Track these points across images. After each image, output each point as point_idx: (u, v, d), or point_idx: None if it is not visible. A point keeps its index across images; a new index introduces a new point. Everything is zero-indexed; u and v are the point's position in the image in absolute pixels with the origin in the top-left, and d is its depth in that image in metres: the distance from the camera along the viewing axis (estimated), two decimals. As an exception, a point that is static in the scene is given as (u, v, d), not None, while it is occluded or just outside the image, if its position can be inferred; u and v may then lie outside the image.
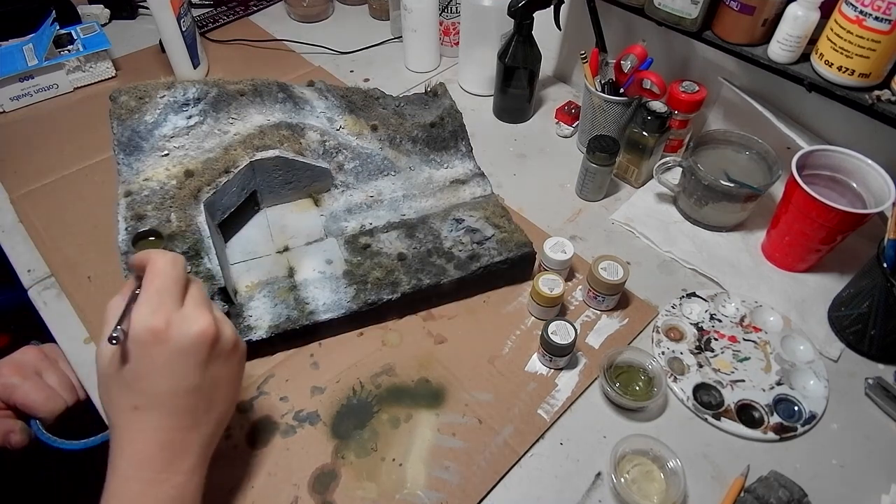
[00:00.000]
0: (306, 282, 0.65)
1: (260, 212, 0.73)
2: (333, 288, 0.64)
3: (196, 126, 0.69)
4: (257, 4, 1.19)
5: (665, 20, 0.74)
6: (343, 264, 0.67)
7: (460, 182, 0.76)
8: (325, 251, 0.68)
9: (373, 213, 0.72)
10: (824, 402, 0.60)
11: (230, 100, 0.71)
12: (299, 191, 0.74)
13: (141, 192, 0.64)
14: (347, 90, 0.78)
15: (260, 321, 0.61)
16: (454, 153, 0.78)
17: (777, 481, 0.53)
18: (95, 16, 1.11)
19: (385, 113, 0.78)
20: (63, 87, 0.96)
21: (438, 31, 1.00)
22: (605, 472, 0.55)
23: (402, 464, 0.55)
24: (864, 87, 0.62)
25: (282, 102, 0.73)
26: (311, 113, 0.74)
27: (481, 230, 0.69)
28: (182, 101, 0.69)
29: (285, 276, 0.66)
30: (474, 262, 0.66)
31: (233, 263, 0.67)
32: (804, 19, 0.63)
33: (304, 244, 0.69)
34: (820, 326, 0.67)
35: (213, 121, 0.70)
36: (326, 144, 0.73)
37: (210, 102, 0.70)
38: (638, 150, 0.78)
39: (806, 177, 0.65)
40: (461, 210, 0.72)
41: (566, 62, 1.01)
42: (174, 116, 0.69)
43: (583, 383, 0.61)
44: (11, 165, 0.84)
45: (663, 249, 0.74)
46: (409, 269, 0.66)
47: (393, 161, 0.75)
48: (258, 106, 0.72)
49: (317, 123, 0.74)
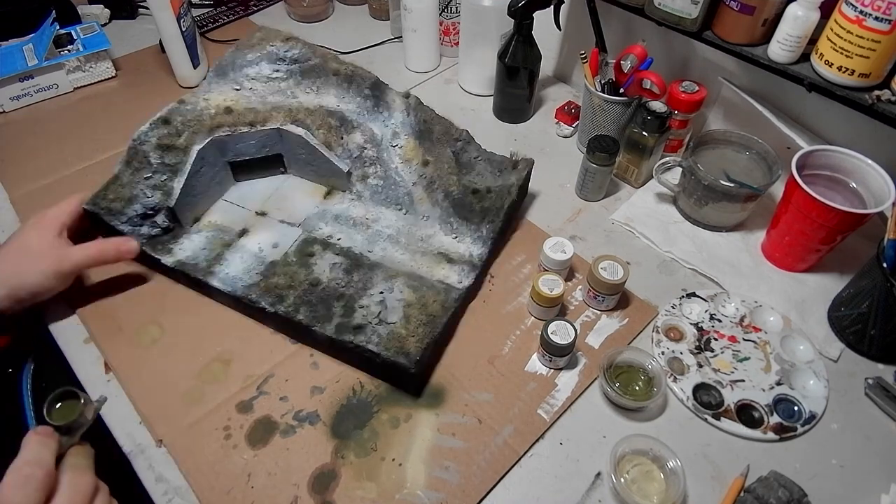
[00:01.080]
0: (239, 247, 0.68)
1: (286, 174, 0.77)
2: (248, 268, 0.66)
3: (276, 80, 0.75)
4: (257, 4, 1.19)
5: (665, 20, 0.74)
6: (278, 255, 0.67)
7: (446, 259, 0.67)
8: (283, 236, 0.70)
9: (351, 232, 0.70)
10: (824, 402, 0.60)
11: (322, 73, 0.75)
12: (320, 176, 0.76)
13: (189, 105, 0.70)
14: (435, 118, 0.77)
15: (181, 252, 0.67)
16: (472, 230, 0.70)
17: (777, 481, 0.53)
18: (95, 16, 1.10)
19: (450, 155, 0.74)
20: (63, 87, 0.96)
21: (438, 31, 1.00)
22: (605, 472, 0.55)
23: (401, 464, 0.55)
24: (864, 87, 0.62)
25: (364, 98, 0.75)
26: (381, 119, 0.75)
27: (389, 311, 0.61)
28: (279, 56, 0.75)
29: (235, 234, 0.70)
30: (351, 333, 0.59)
31: (223, 199, 0.74)
32: (804, 19, 0.63)
33: (279, 221, 0.72)
34: (820, 326, 0.67)
35: (294, 83, 0.75)
36: (365, 152, 0.73)
37: (302, 69, 0.75)
38: (638, 150, 0.78)
39: (806, 177, 0.65)
40: (408, 281, 0.64)
41: (566, 62, 1.01)
42: (266, 64, 0.75)
43: (583, 383, 0.61)
44: (11, 165, 0.84)
45: (663, 249, 0.74)
46: (304, 296, 0.62)
47: (415, 201, 0.71)
48: (340, 90, 0.75)
49: (376, 130, 0.74)
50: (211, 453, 0.56)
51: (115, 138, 0.88)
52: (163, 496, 0.53)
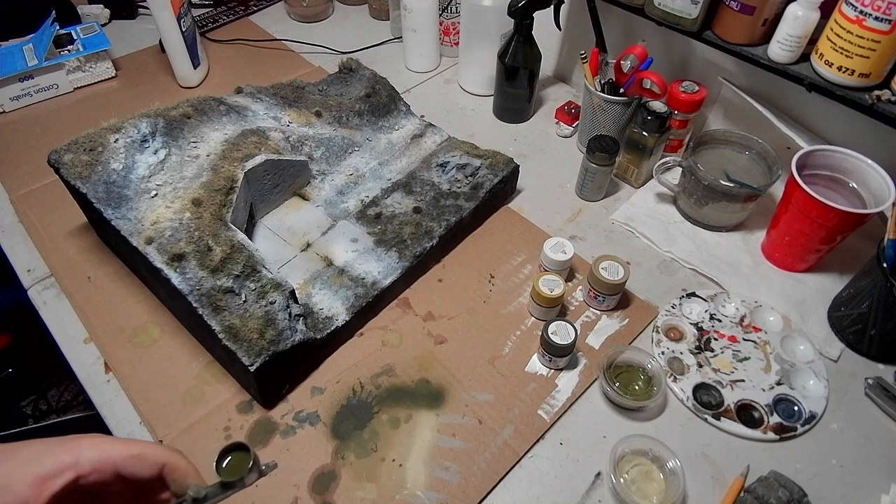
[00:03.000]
0: (348, 263, 0.68)
1: (258, 224, 0.74)
2: (377, 258, 0.68)
3: (167, 159, 0.67)
4: (257, 4, 1.19)
5: (665, 20, 0.74)
6: (369, 237, 0.70)
7: (418, 136, 0.82)
8: (344, 233, 0.71)
9: (361, 187, 0.76)
10: (824, 402, 0.60)
11: (179, 125, 0.69)
12: (285, 192, 0.75)
13: (162, 234, 0.60)
14: (274, 87, 0.81)
15: (334, 309, 0.63)
16: (397, 114, 0.84)
17: (777, 481, 0.53)
18: (95, 16, 1.10)
19: (319, 98, 0.82)
20: (63, 87, 0.96)
21: (438, 31, 1.00)
22: (605, 472, 0.55)
23: (402, 464, 0.55)
24: (864, 87, 0.62)
25: (226, 115, 0.74)
26: (255, 117, 0.76)
27: (470, 163, 0.76)
28: (140, 139, 0.66)
29: (326, 266, 0.68)
30: (480, 190, 0.74)
31: None
32: (804, 19, 0.63)
33: (321, 235, 0.71)
34: (820, 326, 0.67)
35: (177, 150, 0.68)
36: (290, 140, 0.75)
37: (164, 133, 0.68)
38: (638, 150, 0.78)
39: (806, 177, 0.65)
40: (437, 157, 0.78)
41: (566, 62, 1.01)
42: (141, 156, 0.66)
43: (583, 383, 0.61)
44: (11, 165, 0.84)
45: (663, 249, 0.74)
46: (430, 216, 0.71)
47: (351, 138, 0.79)
48: (208, 124, 0.72)
49: (268, 124, 0.75)
50: (211, 454, 0.55)
51: (115, 138, 0.88)
52: (163, 496, 0.53)
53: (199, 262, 0.58)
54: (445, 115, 0.94)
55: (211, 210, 0.63)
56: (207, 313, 0.55)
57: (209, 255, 0.59)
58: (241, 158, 0.68)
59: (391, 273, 0.66)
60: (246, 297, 0.57)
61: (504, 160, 0.77)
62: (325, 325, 0.62)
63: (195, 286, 0.57)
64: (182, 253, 0.59)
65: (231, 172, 0.67)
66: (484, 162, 0.76)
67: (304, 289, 0.65)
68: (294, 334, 0.57)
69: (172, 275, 0.57)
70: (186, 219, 0.62)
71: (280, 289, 0.58)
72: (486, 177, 0.75)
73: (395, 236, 0.69)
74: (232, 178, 0.66)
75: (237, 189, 0.66)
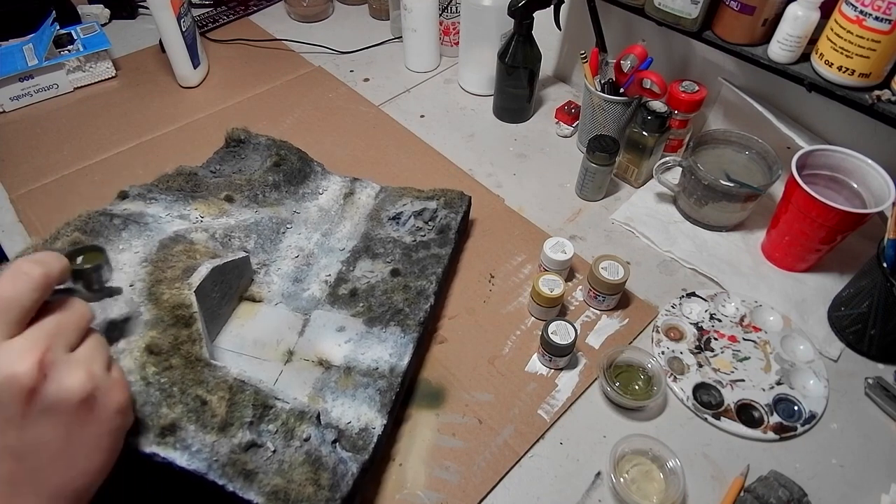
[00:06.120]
0: (350, 358, 0.57)
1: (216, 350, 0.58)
2: (378, 339, 0.58)
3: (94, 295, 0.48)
4: (257, 4, 1.19)
5: (665, 20, 0.74)
6: (355, 320, 0.60)
7: (349, 194, 0.73)
8: (324, 325, 0.60)
9: (316, 266, 0.66)
10: (824, 401, 0.60)
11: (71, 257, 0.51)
12: (232, 300, 0.61)
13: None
14: (160, 181, 0.68)
15: (365, 416, 0.52)
16: (315, 177, 0.74)
17: (777, 481, 0.53)
18: (95, 16, 1.10)
19: (221, 181, 0.70)
20: (63, 87, 0.96)
21: (438, 30, 1.00)
22: (605, 472, 0.55)
23: (402, 464, 0.55)
24: (865, 87, 0.62)
25: (124, 229, 0.59)
26: (159, 222, 0.61)
27: (426, 208, 0.70)
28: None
29: (325, 371, 0.56)
30: (449, 232, 0.68)
31: None
32: (804, 19, 0.63)
33: (299, 337, 0.59)
34: (820, 326, 0.67)
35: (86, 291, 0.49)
36: (217, 237, 0.62)
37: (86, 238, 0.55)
38: (638, 150, 0.78)
39: (806, 177, 0.65)
40: (385, 210, 0.70)
41: (566, 62, 1.01)
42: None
43: (583, 383, 0.61)
44: (11, 165, 0.84)
45: (663, 249, 0.74)
46: (414, 274, 0.64)
47: (277, 216, 0.68)
48: (109, 246, 0.56)
49: (182, 227, 0.61)
50: None
51: (115, 138, 0.89)
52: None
53: (200, 423, 0.45)
54: (445, 115, 0.94)
55: (179, 353, 0.49)
56: (241, 486, 0.43)
57: (208, 411, 0.46)
58: (179, 277, 0.54)
59: (404, 351, 0.57)
60: (273, 445, 0.46)
61: (457, 195, 0.71)
62: (364, 439, 0.51)
63: (211, 457, 0.44)
64: (172, 422, 0.44)
65: (178, 297, 0.52)
66: (439, 203, 0.70)
67: (314, 404, 0.53)
68: (348, 465, 0.47)
69: (173, 454, 0.43)
70: (151, 374, 0.46)
71: (307, 417, 0.48)
72: (449, 217, 0.69)
73: (387, 308, 0.60)
74: (184, 304, 0.52)
75: (197, 315, 0.52)
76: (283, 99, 0.97)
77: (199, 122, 0.92)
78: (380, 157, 0.86)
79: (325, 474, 0.45)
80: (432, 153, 0.87)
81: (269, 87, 0.99)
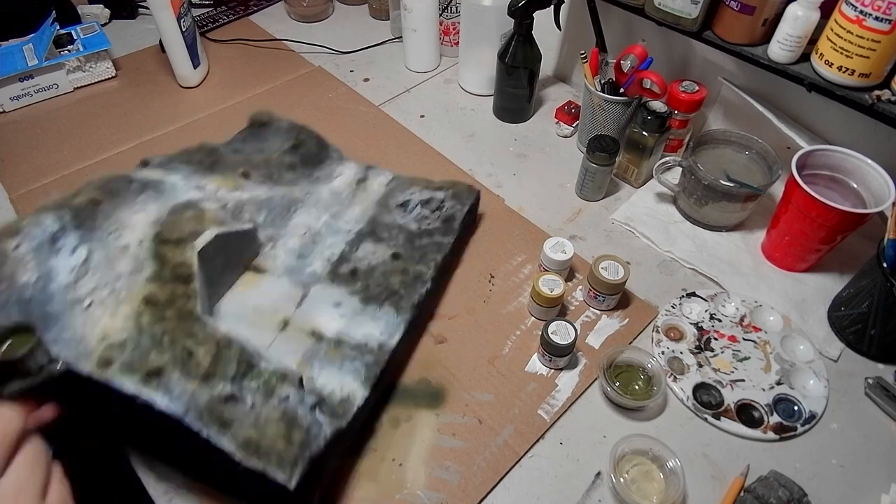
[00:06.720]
0: (342, 332, 0.59)
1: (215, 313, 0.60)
2: (371, 317, 0.60)
3: (90, 257, 0.54)
4: (257, 4, 1.19)
5: (665, 20, 0.74)
6: (352, 297, 0.62)
7: (362, 180, 0.75)
8: (322, 300, 0.61)
9: (321, 245, 0.67)
10: (824, 401, 0.60)
11: (90, 214, 0.57)
12: (235, 269, 0.63)
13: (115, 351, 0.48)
14: (182, 154, 0.70)
15: (347, 387, 0.54)
16: (331, 162, 0.76)
17: (777, 481, 0.53)
18: (95, 16, 1.11)
19: (240, 158, 0.72)
20: (63, 87, 0.96)
21: (438, 30, 1.00)
22: (605, 472, 0.55)
23: (402, 464, 0.55)
24: (865, 87, 0.62)
25: (141, 192, 0.62)
26: (176, 190, 0.64)
27: (433, 197, 0.71)
28: (48, 240, 0.53)
29: (317, 342, 0.58)
30: (454, 222, 0.69)
31: None
32: (804, 19, 0.63)
33: (296, 308, 0.61)
34: (820, 326, 0.67)
35: (99, 244, 0.56)
36: (228, 208, 0.64)
37: (75, 226, 0.55)
38: (638, 150, 0.78)
39: (806, 177, 0.65)
40: (394, 197, 0.72)
41: (566, 62, 1.01)
42: (56, 260, 0.52)
43: (583, 383, 0.61)
44: (11, 165, 0.84)
45: (663, 249, 0.74)
46: (413, 259, 0.65)
47: (289, 195, 0.70)
48: (124, 207, 0.59)
49: (196, 196, 0.64)
50: None
51: (115, 138, 0.89)
52: (164, 495, 0.53)
53: (184, 371, 0.47)
54: (445, 115, 0.94)
55: (174, 306, 0.52)
56: (214, 432, 0.45)
57: (193, 361, 0.48)
58: (185, 239, 0.57)
59: (395, 330, 0.59)
60: (252, 400, 0.48)
61: (465, 188, 0.72)
62: (344, 408, 0.52)
63: (189, 403, 0.46)
64: (158, 366, 0.47)
65: (181, 257, 0.56)
66: (447, 193, 0.72)
67: (302, 373, 0.54)
68: (322, 428, 0.49)
69: (156, 396, 0.45)
70: (146, 323, 0.50)
71: (288, 379, 0.50)
72: (455, 207, 0.70)
73: (384, 289, 0.62)
74: (185, 263, 0.55)
75: (195, 274, 0.55)
76: (283, 99, 0.97)
77: (199, 122, 0.92)
78: (380, 157, 0.86)
79: (297, 432, 0.47)
80: (432, 153, 0.87)
81: (269, 87, 0.99)
